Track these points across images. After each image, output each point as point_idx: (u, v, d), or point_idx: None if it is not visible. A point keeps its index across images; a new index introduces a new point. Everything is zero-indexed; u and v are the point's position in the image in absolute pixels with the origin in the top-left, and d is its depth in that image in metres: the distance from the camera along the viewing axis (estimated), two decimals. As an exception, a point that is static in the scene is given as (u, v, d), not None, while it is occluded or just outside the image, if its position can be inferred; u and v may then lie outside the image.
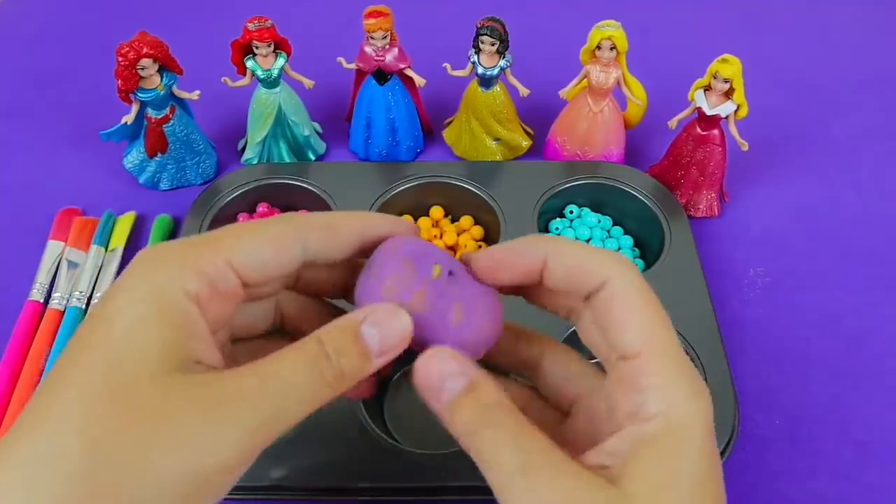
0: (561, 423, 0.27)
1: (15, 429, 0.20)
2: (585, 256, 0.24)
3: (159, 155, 0.57)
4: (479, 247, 0.54)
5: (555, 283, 0.25)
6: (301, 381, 0.22)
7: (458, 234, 0.55)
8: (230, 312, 0.24)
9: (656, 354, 0.23)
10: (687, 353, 0.44)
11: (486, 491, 0.42)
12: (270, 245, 0.24)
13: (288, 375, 0.22)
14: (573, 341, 0.47)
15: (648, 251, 0.54)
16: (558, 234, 0.55)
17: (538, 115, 0.63)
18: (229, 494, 0.41)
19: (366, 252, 0.27)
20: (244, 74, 0.56)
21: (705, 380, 0.44)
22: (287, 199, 0.56)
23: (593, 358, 0.27)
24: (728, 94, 0.52)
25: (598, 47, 0.53)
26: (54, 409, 0.20)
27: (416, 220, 0.56)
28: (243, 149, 0.61)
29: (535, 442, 0.22)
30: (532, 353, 0.27)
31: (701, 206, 0.57)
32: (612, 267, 0.24)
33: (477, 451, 0.23)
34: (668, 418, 0.22)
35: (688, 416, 0.22)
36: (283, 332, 0.29)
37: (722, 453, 0.41)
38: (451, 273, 0.26)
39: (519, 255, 0.25)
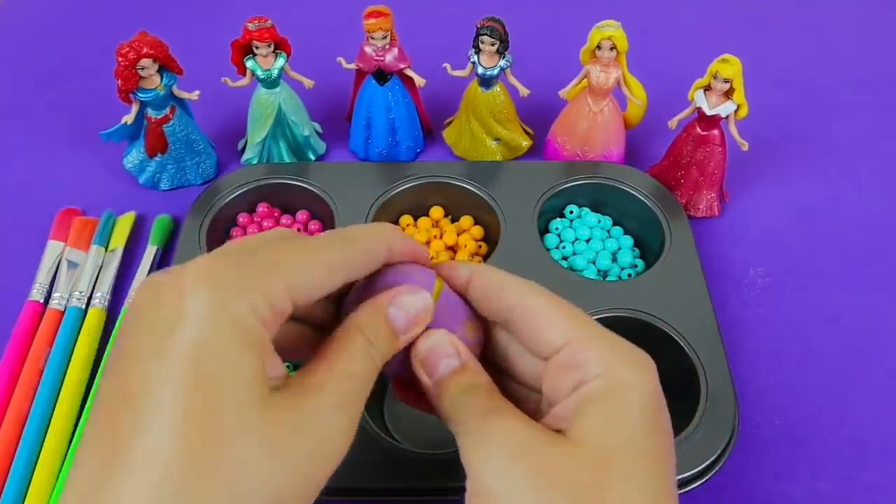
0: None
1: (103, 454, 0.20)
2: (499, 283, 0.28)
3: (159, 155, 0.57)
4: (479, 247, 0.54)
5: (473, 298, 0.28)
6: (367, 372, 0.25)
7: (458, 234, 0.55)
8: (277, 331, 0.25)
9: (584, 338, 0.26)
10: (687, 353, 0.45)
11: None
12: (324, 272, 0.25)
13: (358, 370, 0.24)
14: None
15: (648, 251, 0.54)
16: (558, 234, 0.55)
17: (538, 115, 0.63)
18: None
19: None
20: (244, 74, 0.56)
21: (705, 380, 0.44)
22: (287, 200, 0.56)
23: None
24: (728, 94, 0.52)
25: (598, 47, 0.53)
26: (152, 425, 0.20)
27: (416, 220, 0.56)
28: (243, 149, 0.61)
29: (502, 402, 0.25)
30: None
31: (701, 206, 0.57)
32: (519, 288, 0.28)
33: (454, 417, 0.25)
34: (607, 379, 0.24)
35: (627, 375, 0.25)
36: None
37: (722, 453, 0.41)
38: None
39: (452, 269, 0.29)
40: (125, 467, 0.19)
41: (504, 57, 0.55)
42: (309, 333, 0.28)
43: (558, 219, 0.56)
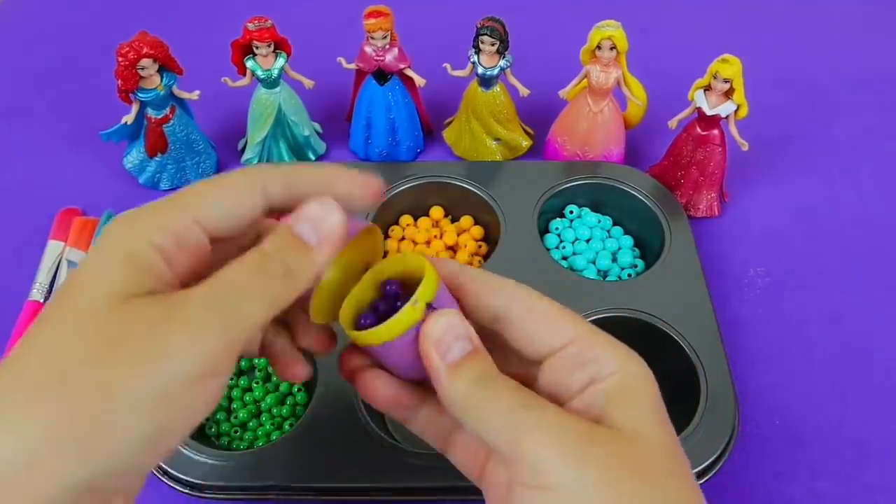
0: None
1: (4, 363, 0.22)
2: (488, 284, 0.27)
3: (159, 155, 0.57)
4: (479, 247, 0.54)
5: (470, 297, 0.28)
6: (248, 280, 0.23)
7: (458, 234, 0.55)
8: (202, 266, 0.25)
9: (589, 336, 0.26)
10: (687, 353, 0.45)
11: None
12: (229, 196, 0.25)
13: (234, 278, 0.23)
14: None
15: (648, 251, 0.54)
16: (558, 234, 0.55)
17: (538, 115, 0.63)
18: (229, 494, 0.41)
19: None
20: (244, 74, 0.56)
21: (704, 380, 0.44)
22: (287, 199, 0.56)
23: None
24: (728, 94, 0.52)
25: (598, 47, 0.53)
26: (33, 347, 0.22)
27: (415, 220, 0.56)
28: (243, 149, 0.61)
29: (529, 393, 0.25)
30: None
31: (701, 206, 0.57)
32: (510, 289, 0.27)
33: (473, 405, 0.25)
34: (623, 374, 0.25)
35: (638, 369, 0.26)
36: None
37: (722, 453, 0.41)
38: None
39: (444, 267, 0.28)
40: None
41: (504, 57, 0.55)
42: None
43: (558, 219, 0.56)
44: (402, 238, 0.55)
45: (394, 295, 0.27)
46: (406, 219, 0.56)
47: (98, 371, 0.21)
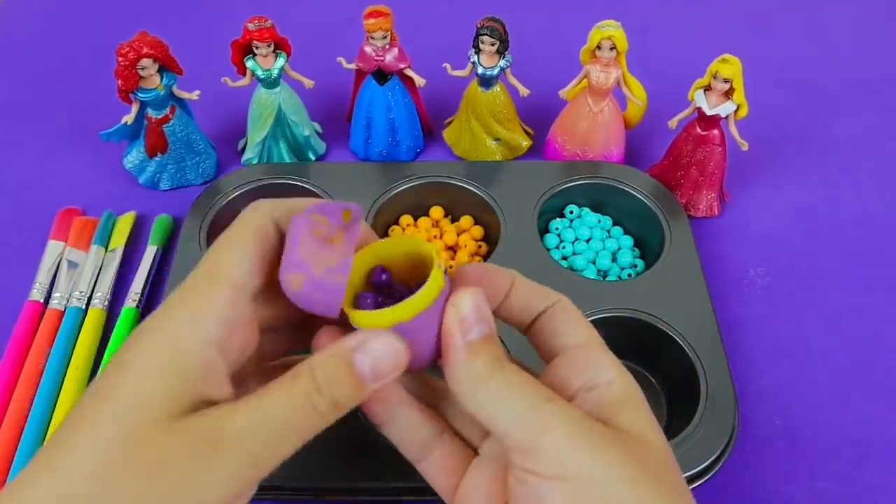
0: None
1: (32, 468, 0.22)
2: (538, 289, 0.30)
3: (159, 155, 0.57)
4: (479, 247, 0.54)
5: (517, 300, 0.29)
6: (291, 417, 0.23)
7: (458, 234, 0.55)
8: (255, 335, 0.25)
9: (596, 345, 0.28)
10: (687, 353, 0.45)
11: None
12: (251, 243, 0.25)
13: (278, 413, 0.23)
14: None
15: (648, 251, 0.54)
16: (558, 234, 0.55)
17: (538, 115, 0.63)
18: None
19: None
20: (244, 74, 0.56)
21: (705, 380, 0.44)
22: (287, 199, 0.56)
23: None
24: (728, 94, 0.52)
25: (598, 47, 0.53)
26: (68, 456, 0.21)
27: (416, 220, 0.56)
28: (243, 149, 0.61)
29: (546, 386, 0.26)
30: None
31: (701, 206, 0.57)
32: (556, 295, 0.29)
33: (489, 389, 0.25)
34: (622, 383, 0.27)
35: (632, 382, 0.27)
36: None
37: (722, 453, 0.41)
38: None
39: (497, 274, 0.29)
40: (38, 474, 0.22)
41: (504, 57, 0.55)
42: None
43: (558, 219, 0.56)
44: (402, 238, 0.55)
45: (386, 284, 0.27)
46: (406, 219, 0.56)
47: (134, 496, 0.21)
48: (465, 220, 0.56)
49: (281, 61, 0.55)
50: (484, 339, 0.25)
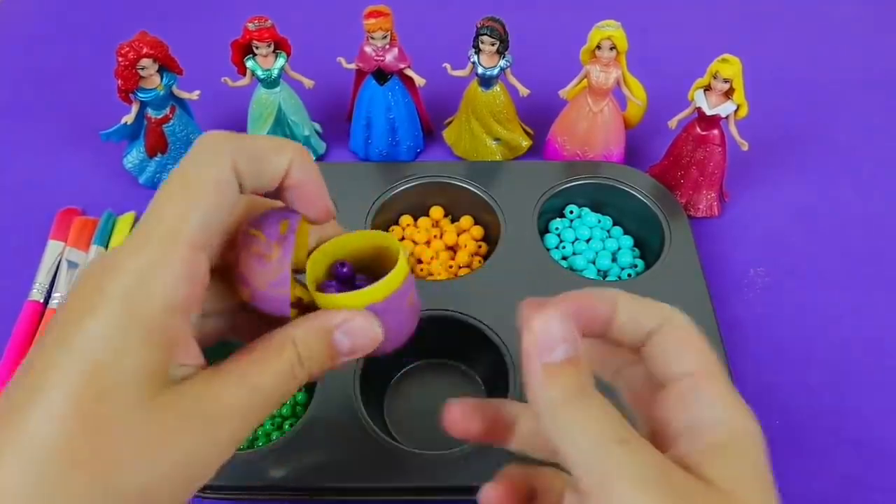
0: None
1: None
2: (646, 304, 0.26)
3: (159, 155, 0.57)
4: (479, 247, 0.54)
5: (622, 320, 0.26)
6: (278, 388, 0.24)
7: (458, 234, 0.55)
8: (204, 288, 0.24)
9: (711, 376, 0.25)
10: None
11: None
12: (208, 197, 0.23)
13: (267, 385, 0.24)
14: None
15: (648, 251, 0.54)
16: (558, 234, 0.55)
17: (538, 115, 0.63)
18: (229, 494, 0.41)
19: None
20: (244, 74, 0.56)
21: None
22: (287, 199, 0.56)
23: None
24: (728, 94, 0.52)
25: (598, 47, 0.53)
26: (39, 406, 0.21)
27: (415, 220, 0.56)
28: (243, 149, 0.61)
29: (625, 424, 0.23)
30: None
31: (701, 206, 0.57)
32: (667, 310, 0.26)
33: (563, 420, 0.23)
34: (730, 427, 0.24)
35: (747, 426, 0.24)
36: None
37: (722, 453, 0.41)
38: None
39: (597, 297, 0.26)
40: (4, 443, 0.20)
41: (504, 57, 0.55)
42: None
43: (558, 219, 0.56)
44: (402, 238, 0.55)
45: (348, 276, 0.27)
46: (406, 219, 0.56)
47: (142, 485, 0.21)
48: (465, 220, 0.56)
49: (281, 61, 0.55)
50: (566, 364, 0.23)
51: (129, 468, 0.21)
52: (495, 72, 0.55)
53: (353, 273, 0.28)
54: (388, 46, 0.55)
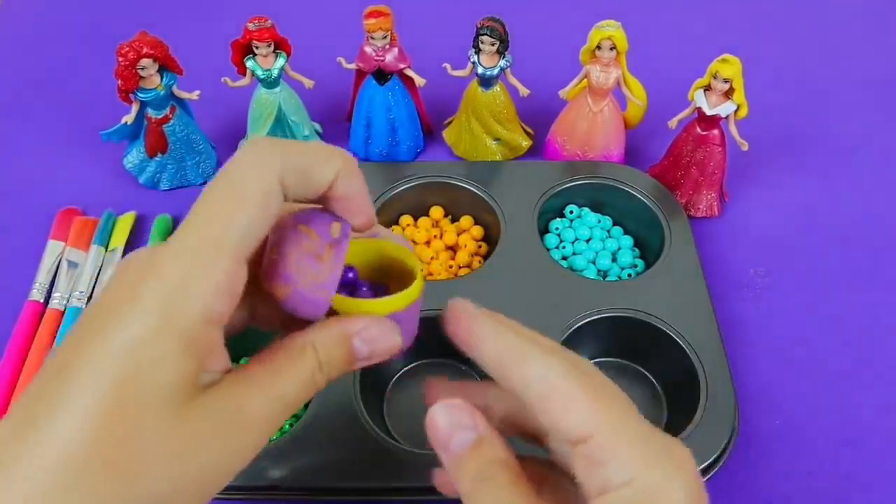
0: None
1: (25, 417, 0.21)
2: (523, 343, 0.24)
3: (159, 155, 0.57)
4: (479, 247, 0.54)
5: (491, 363, 0.25)
6: (300, 393, 0.24)
7: (458, 234, 0.55)
8: (240, 296, 0.24)
9: (610, 433, 0.23)
10: (687, 353, 0.45)
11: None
12: (255, 210, 0.23)
13: (291, 392, 0.24)
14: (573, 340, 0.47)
15: (648, 251, 0.54)
16: (558, 234, 0.55)
17: (538, 115, 0.63)
18: (229, 494, 0.41)
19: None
20: (244, 74, 0.56)
21: (704, 380, 0.44)
22: (287, 199, 0.56)
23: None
24: (728, 94, 0.52)
25: (598, 47, 0.53)
26: (70, 407, 0.20)
27: (416, 220, 0.56)
28: (243, 149, 0.61)
29: (529, 492, 0.23)
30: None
31: (701, 206, 0.57)
32: (545, 356, 0.24)
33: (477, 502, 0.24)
34: (633, 487, 0.22)
35: (661, 481, 0.22)
36: None
37: (722, 453, 0.41)
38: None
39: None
40: (32, 442, 0.20)
41: (504, 57, 0.55)
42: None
43: (558, 219, 0.56)
44: (402, 238, 0.55)
45: (352, 282, 0.27)
46: (406, 219, 0.56)
47: (166, 492, 0.21)
48: (465, 220, 0.56)
49: (281, 61, 0.55)
50: (471, 449, 0.24)
51: (156, 475, 0.21)
52: (495, 72, 0.55)
53: (358, 279, 0.28)
54: (388, 46, 0.55)
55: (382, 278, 0.28)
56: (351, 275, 0.27)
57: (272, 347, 0.25)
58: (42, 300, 0.51)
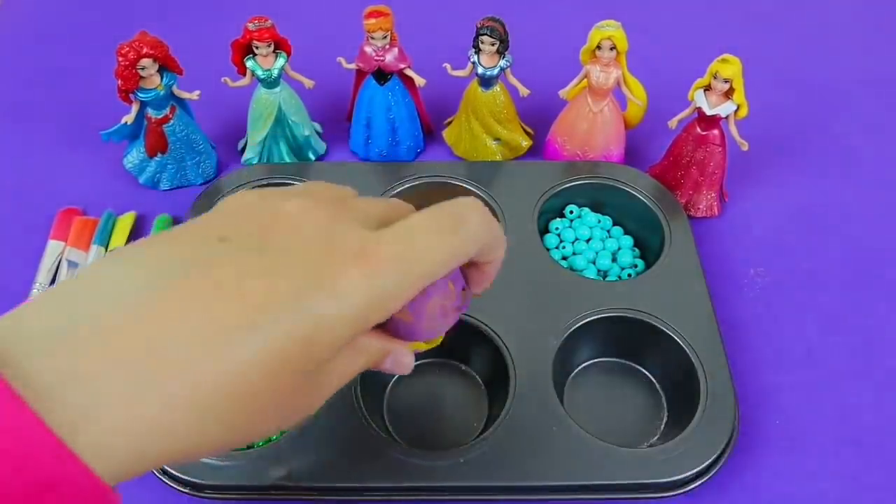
0: None
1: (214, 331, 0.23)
2: None
3: (159, 155, 0.57)
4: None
5: None
6: (347, 382, 0.28)
7: (458, 234, 0.55)
8: None
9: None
10: (687, 353, 0.45)
11: (483, 491, 0.42)
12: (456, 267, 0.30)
13: (347, 375, 0.28)
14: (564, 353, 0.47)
15: (648, 251, 0.54)
16: (558, 234, 0.55)
17: (538, 115, 0.63)
18: (229, 494, 0.41)
19: None
20: (244, 74, 0.56)
21: (704, 380, 0.44)
22: (287, 199, 0.56)
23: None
24: (728, 94, 0.52)
25: (598, 47, 0.53)
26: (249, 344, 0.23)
27: (416, 220, 0.56)
28: (243, 149, 0.61)
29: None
30: None
31: (701, 206, 0.57)
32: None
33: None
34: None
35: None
36: None
37: (722, 453, 0.41)
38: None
39: None
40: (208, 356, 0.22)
41: (504, 57, 0.55)
42: None
43: (558, 219, 0.56)
44: (402, 238, 0.55)
45: None
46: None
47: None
48: (465, 220, 0.56)
49: (281, 61, 0.55)
50: None
51: (269, 423, 0.25)
52: (495, 72, 0.55)
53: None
54: (388, 46, 0.55)
55: None
56: None
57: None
58: (42, 300, 0.51)
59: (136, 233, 0.56)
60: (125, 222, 0.56)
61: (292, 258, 0.24)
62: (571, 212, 0.56)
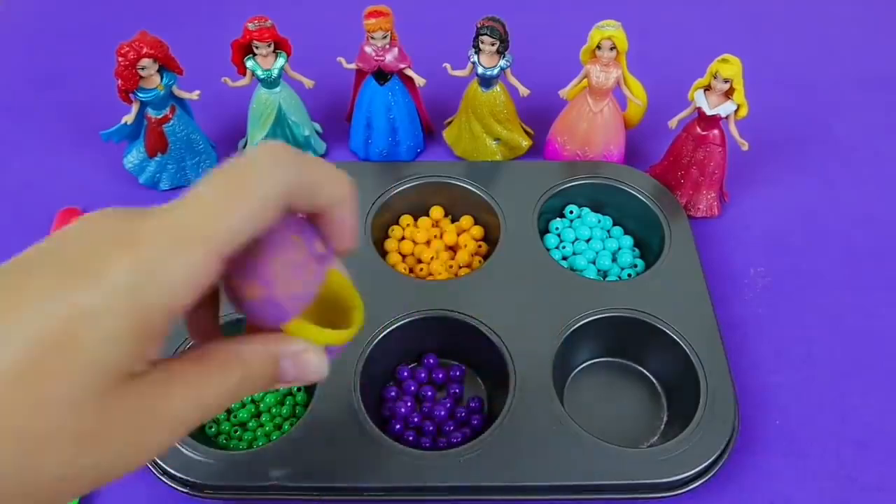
0: None
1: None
2: None
3: (159, 155, 0.57)
4: (479, 247, 0.54)
5: None
6: (220, 403, 0.24)
7: (458, 234, 0.55)
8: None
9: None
10: (687, 353, 0.45)
11: (483, 491, 0.42)
12: (251, 214, 0.22)
13: (210, 400, 0.23)
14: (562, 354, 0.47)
15: (648, 251, 0.54)
16: (558, 234, 0.55)
17: (538, 115, 0.63)
18: (229, 494, 0.41)
19: None
20: (244, 74, 0.56)
21: (704, 380, 0.44)
22: (287, 199, 0.56)
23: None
24: (728, 94, 0.52)
25: (598, 47, 0.53)
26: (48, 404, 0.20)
27: (415, 220, 0.56)
28: (243, 149, 0.61)
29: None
30: None
31: (701, 206, 0.57)
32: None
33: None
34: None
35: None
36: None
37: (722, 453, 0.41)
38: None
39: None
40: None
41: (504, 57, 0.55)
42: None
43: (558, 219, 0.56)
44: (403, 238, 0.55)
45: None
46: (406, 219, 0.56)
47: (60, 471, 0.20)
48: (465, 220, 0.56)
49: (281, 61, 0.55)
50: None
51: (57, 456, 0.20)
52: (495, 72, 0.55)
53: None
54: (388, 46, 0.55)
55: (321, 305, 0.27)
56: None
57: (203, 350, 0.24)
58: (42, 300, 0.51)
59: (136, 233, 0.56)
60: (125, 222, 0.56)
61: (55, 257, 0.22)
62: (571, 212, 0.56)
